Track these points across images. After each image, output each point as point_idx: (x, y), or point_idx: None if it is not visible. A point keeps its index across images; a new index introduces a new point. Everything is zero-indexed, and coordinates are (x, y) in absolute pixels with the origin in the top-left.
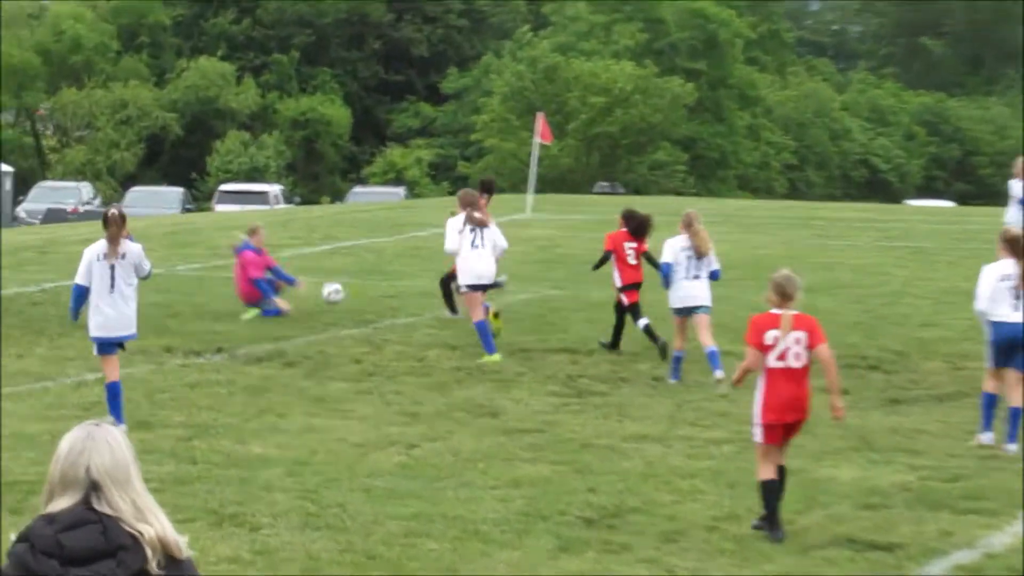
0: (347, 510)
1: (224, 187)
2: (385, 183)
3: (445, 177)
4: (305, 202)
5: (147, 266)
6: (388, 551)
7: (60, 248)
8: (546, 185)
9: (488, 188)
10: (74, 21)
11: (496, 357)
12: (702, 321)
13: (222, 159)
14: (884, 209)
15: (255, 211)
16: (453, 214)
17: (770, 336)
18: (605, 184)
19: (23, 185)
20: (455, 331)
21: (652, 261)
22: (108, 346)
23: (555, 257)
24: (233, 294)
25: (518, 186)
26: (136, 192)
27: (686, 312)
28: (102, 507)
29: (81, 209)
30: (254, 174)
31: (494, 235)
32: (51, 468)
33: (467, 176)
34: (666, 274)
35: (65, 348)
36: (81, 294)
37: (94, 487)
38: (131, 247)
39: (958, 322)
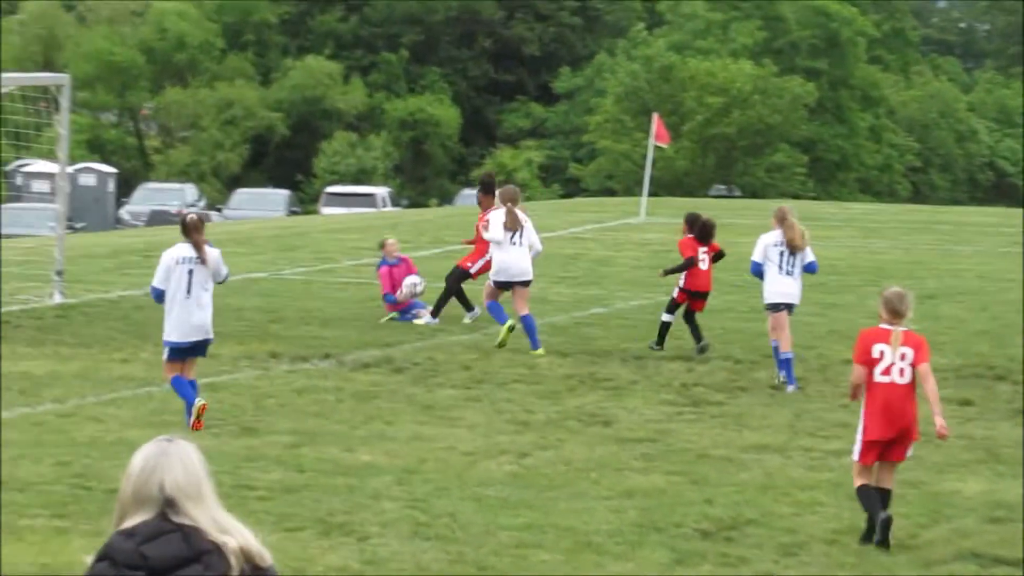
0: (457, 520)
1: (330, 189)
2: None
3: (555, 179)
4: (413, 205)
5: (224, 271)
6: (499, 562)
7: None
8: (660, 188)
9: (488, 187)
10: (178, 18)
11: (540, 351)
12: (784, 320)
13: (328, 160)
14: (1011, 213)
15: (362, 214)
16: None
17: (876, 350)
18: (721, 187)
19: (126, 187)
20: (566, 337)
21: (719, 258)
22: (179, 352)
23: (670, 262)
24: (340, 298)
25: (631, 189)
26: (241, 194)
27: (779, 307)
28: (180, 519)
29: (186, 211)
30: (361, 176)
31: (530, 235)
32: (122, 486)
33: (578, 179)
34: (756, 272)
35: None
36: (159, 298)
37: (169, 504)
38: (210, 252)
39: None
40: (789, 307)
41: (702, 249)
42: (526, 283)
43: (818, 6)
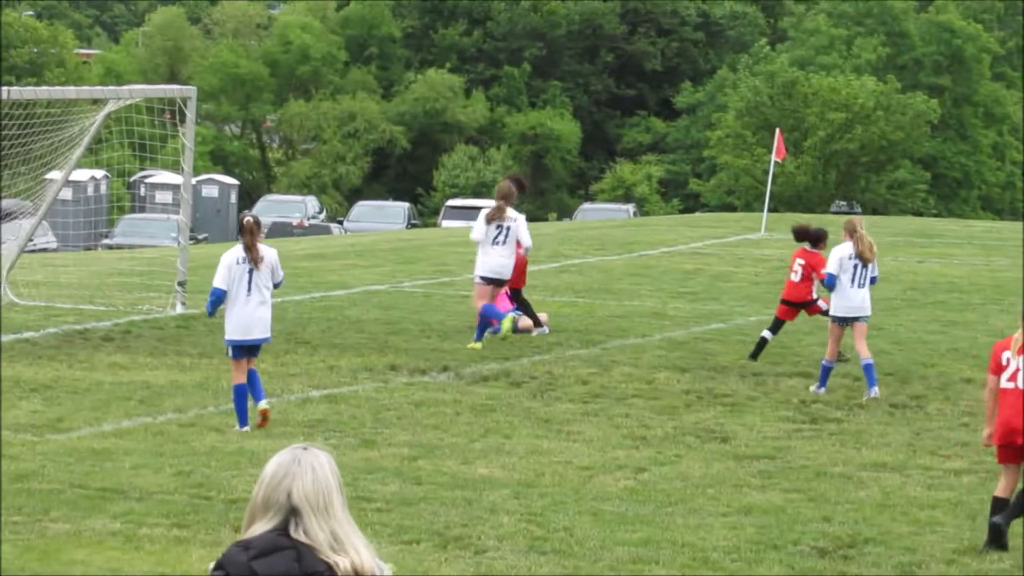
0: (574, 534)
1: (451, 202)
2: (614, 199)
3: (675, 194)
4: (532, 218)
5: (281, 274)
6: None
7: (286, 263)
8: (781, 204)
9: (520, 186)
10: (301, 31)
11: (478, 346)
12: (862, 330)
13: (449, 173)
14: None
15: None
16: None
17: (1004, 358)
18: (843, 203)
19: (248, 198)
20: (684, 352)
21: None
22: (241, 350)
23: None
24: (459, 311)
25: (752, 204)
26: (361, 207)
27: (848, 321)
28: (298, 534)
29: (307, 223)
30: (481, 189)
31: (519, 232)
32: (254, 490)
33: (698, 194)
34: (830, 284)
35: (289, 365)
36: (219, 298)
37: (293, 512)
38: (268, 252)
39: None
40: (863, 317)
41: (799, 261)
42: (502, 283)
43: (942, 22)
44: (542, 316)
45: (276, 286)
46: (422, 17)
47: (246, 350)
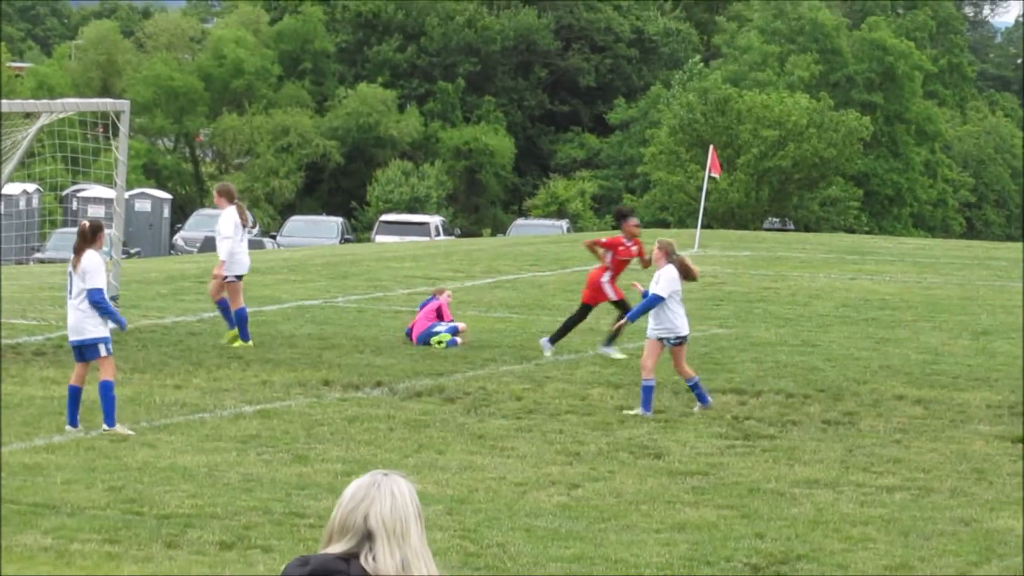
0: (507, 550)
1: (384, 217)
2: (547, 215)
3: (608, 210)
4: (466, 234)
5: (91, 283)
6: None
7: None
8: (714, 220)
9: (623, 216)
10: (236, 45)
11: (233, 333)
12: (681, 352)
13: (382, 188)
14: None
15: (415, 242)
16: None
17: None
18: (775, 220)
19: (181, 212)
20: (618, 368)
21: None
22: (75, 351)
23: (722, 295)
24: (392, 327)
25: (685, 220)
26: (295, 221)
27: (670, 341)
28: (367, 562)
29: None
30: (415, 204)
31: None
32: (334, 512)
33: (632, 210)
34: (653, 303)
35: (223, 380)
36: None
37: (368, 536)
38: (87, 258)
39: None
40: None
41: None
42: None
43: (875, 40)
44: (461, 325)
45: (88, 294)
46: (356, 32)
47: (79, 351)
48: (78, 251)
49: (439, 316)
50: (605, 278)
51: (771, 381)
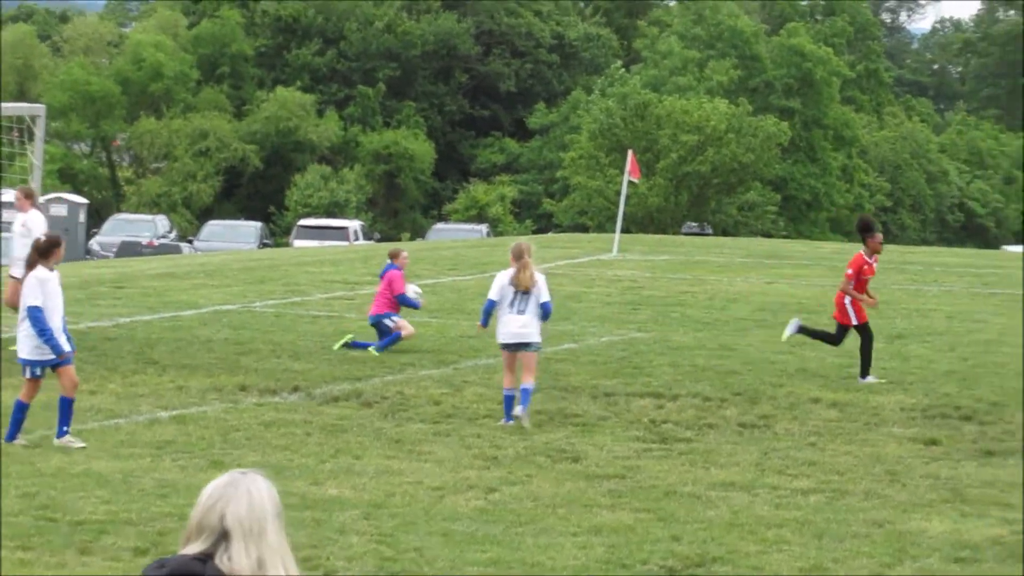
0: (424, 555)
1: (303, 222)
2: (467, 220)
3: (529, 215)
4: (385, 238)
5: (26, 301)
6: None
7: (135, 282)
8: (633, 224)
9: (865, 227)
10: (155, 49)
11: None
12: (528, 360)
13: (301, 193)
14: (980, 255)
15: (334, 247)
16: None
17: None
18: (694, 224)
19: (97, 217)
20: (536, 372)
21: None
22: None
23: (640, 299)
24: (310, 331)
25: (604, 225)
26: (213, 226)
27: (511, 348)
28: (221, 560)
29: (156, 243)
30: (334, 209)
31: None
32: (192, 512)
33: (551, 214)
34: (488, 310)
35: (138, 385)
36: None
37: (224, 536)
38: (29, 276)
39: None
40: (532, 345)
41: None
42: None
43: (793, 45)
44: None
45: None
46: (275, 36)
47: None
48: (30, 266)
49: (391, 288)
50: (847, 300)
51: (688, 385)
